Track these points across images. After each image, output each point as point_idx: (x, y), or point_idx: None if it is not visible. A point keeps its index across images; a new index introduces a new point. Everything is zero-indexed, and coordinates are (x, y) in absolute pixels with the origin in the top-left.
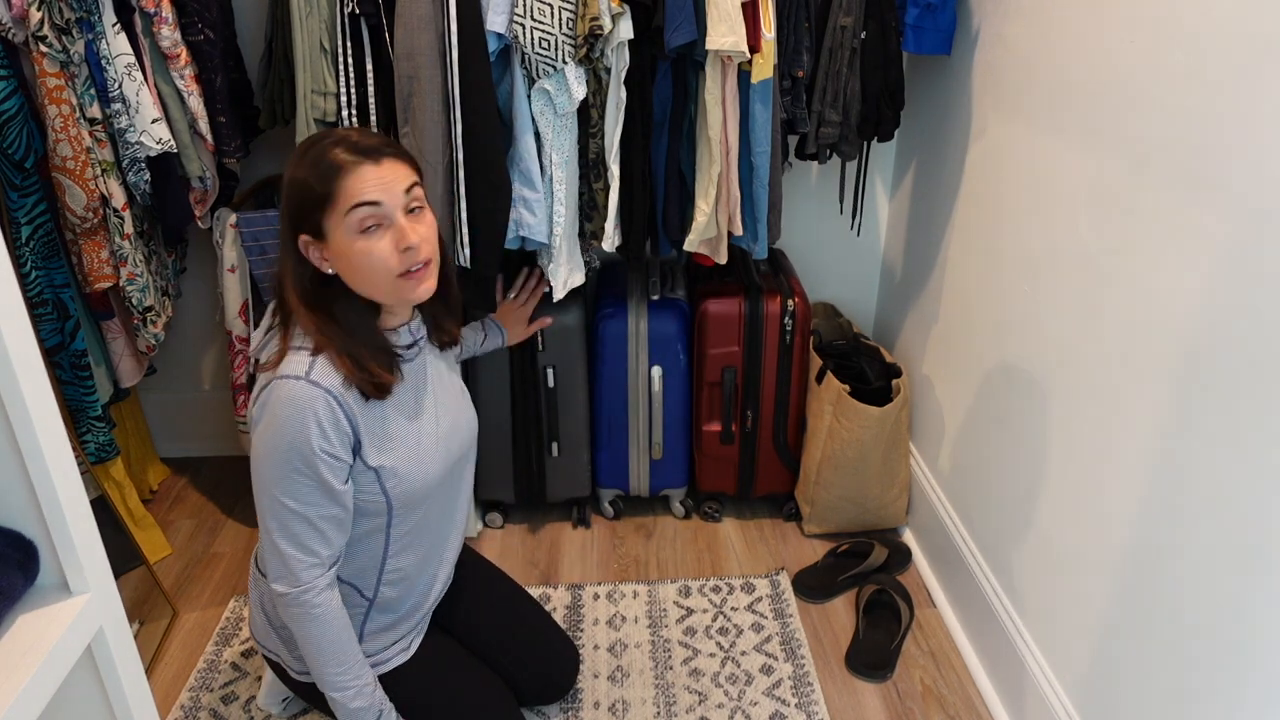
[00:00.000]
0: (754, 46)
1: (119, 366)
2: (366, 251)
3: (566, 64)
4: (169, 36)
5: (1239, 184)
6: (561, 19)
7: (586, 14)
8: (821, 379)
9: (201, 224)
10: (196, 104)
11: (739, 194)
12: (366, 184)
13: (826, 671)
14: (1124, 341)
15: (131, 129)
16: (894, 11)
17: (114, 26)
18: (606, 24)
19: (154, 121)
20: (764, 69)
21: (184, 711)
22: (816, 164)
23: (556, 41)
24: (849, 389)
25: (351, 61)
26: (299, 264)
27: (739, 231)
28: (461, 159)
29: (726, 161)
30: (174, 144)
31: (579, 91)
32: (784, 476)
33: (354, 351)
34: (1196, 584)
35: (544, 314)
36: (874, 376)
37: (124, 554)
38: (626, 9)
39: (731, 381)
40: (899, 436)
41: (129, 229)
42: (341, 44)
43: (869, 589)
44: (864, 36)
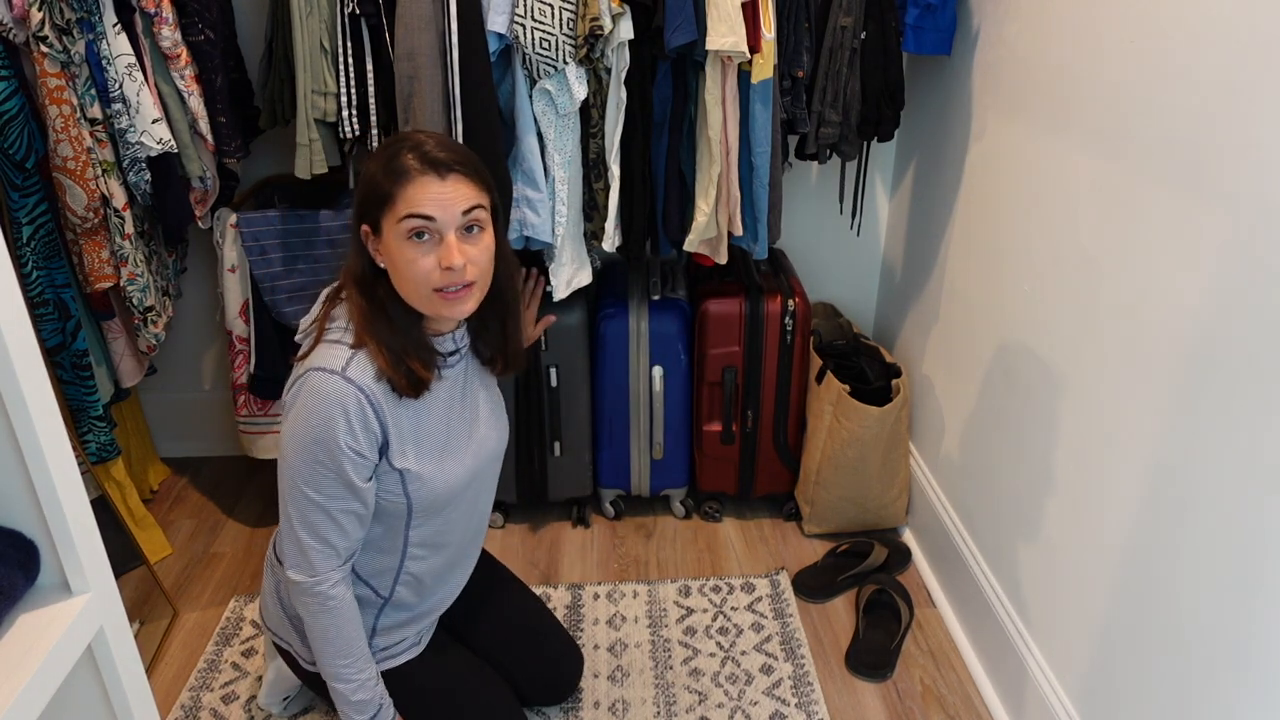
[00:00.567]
0: (754, 46)
1: (120, 366)
2: (411, 260)
3: (567, 64)
4: (169, 37)
5: (1239, 184)
6: (562, 19)
7: (587, 14)
8: (821, 379)
9: (202, 224)
10: (197, 104)
11: (739, 194)
12: (425, 196)
13: (826, 671)
14: (1124, 341)
15: (132, 129)
16: (894, 11)
17: (114, 27)
18: (607, 24)
19: (154, 122)
20: (764, 69)
21: (184, 711)
22: (816, 164)
23: (557, 42)
24: (849, 389)
25: (352, 61)
26: (360, 251)
27: (739, 231)
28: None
29: (726, 161)
30: (174, 144)
31: (580, 91)
32: (784, 476)
33: (395, 346)
34: (1197, 584)
35: (546, 313)
36: (874, 376)
37: (124, 554)
38: (627, 9)
39: (732, 381)
40: (899, 436)
41: (129, 229)
42: (342, 44)
43: (869, 589)
44: (864, 36)
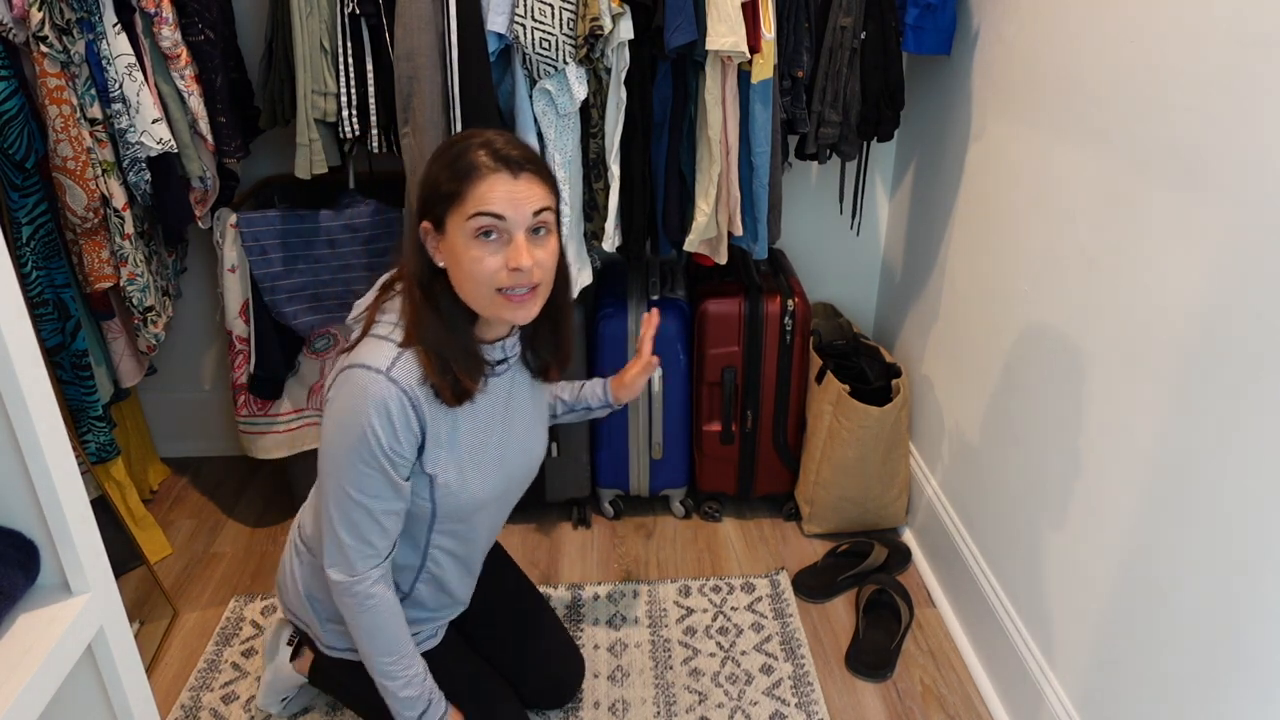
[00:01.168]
0: (754, 47)
1: (119, 366)
2: (477, 260)
3: (567, 64)
4: (169, 37)
5: (1239, 184)
6: (562, 19)
7: (587, 14)
8: (821, 379)
9: (202, 224)
10: (197, 104)
11: (739, 194)
12: (496, 194)
13: (826, 671)
14: (1124, 341)
15: (132, 129)
16: (894, 11)
17: (114, 27)
18: (607, 24)
19: (154, 122)
20: (764, 69)
21: (184, 711)
22: (816, 164)
23: (557, 42)
24: (849, 389)
25: (351, 61)
26: (418, 248)
27: (739, 231)
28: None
29: (726, 161)
30: (174, 144)
31: (580, 92)
32: (784, 476)
33: (443, 351)
34: (1196, 583)
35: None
36: (874, 376)
37: (124, 554)
38: (627, 9)
39: (731, 381)
40: (899, 436)
41: (129, 229)
42: (341, 44)
43: (869, 589)
44: (864, 36)
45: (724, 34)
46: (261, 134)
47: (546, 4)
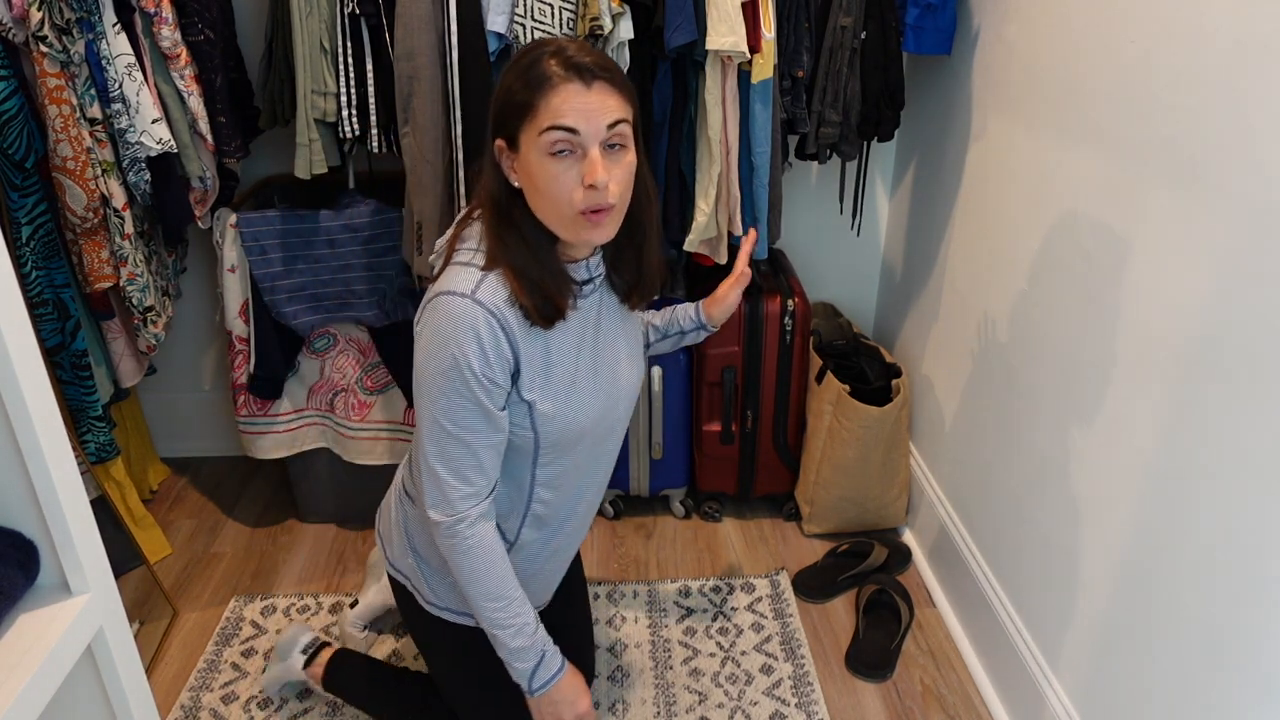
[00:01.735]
0: (754, 46)
1: (119, 366)
2: (553, 177)
3: None
4: (169, 37)
5: (1239, 184)
6: (562, 19)
7: (587, 14)
8: (821, 379)
9: (201, 224)
10: (196, 104)
11: (739, 194)
12: (569, 105)
13: (826, 671)
14: (1124, 340)
15: (132, 129)
16: (894, 11)
17: (114, 27)
18: (607, 24)
19: (154, 121)
20: (764, 69)
21: (184, 711)
22: (816, 164)
23: None
24: (849, 389)
25: (351, 61)
26: (494, 168)
27: (739, 231)
28: (461, 159)
29: (726, 161)
30: (174, 144)
31: None
32: (784, 476)
33: (529, 271)
34: (1196, 584)
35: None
36: (874, 376)
37: (124, 554)
38: (627, 9)
39: (731, 381)
40: (899, 436)
41: (129, 229)
42: (341, 44)
43: (869, 589)
44: (864, 36)
45: (724, 34)
46: (261, 134)
47: (546, 4)
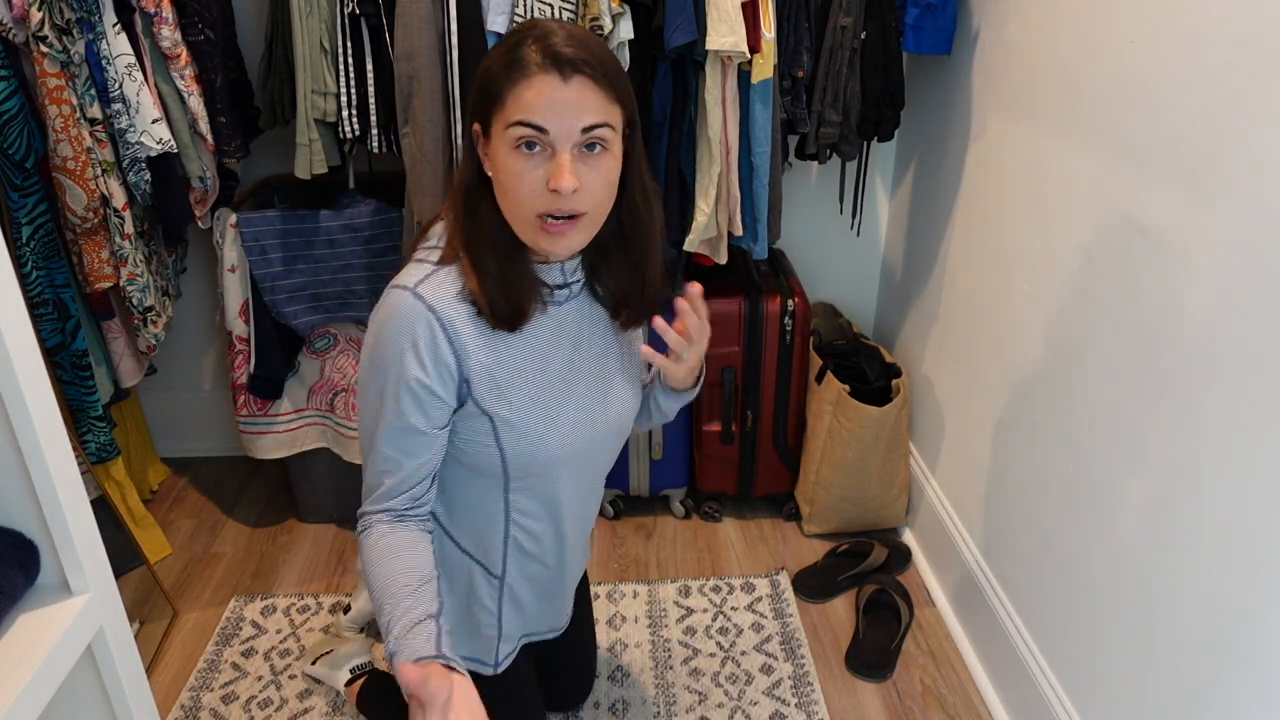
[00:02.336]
0: (754, 46)
1: (119, 366)
2: (516, 174)
3: None
4: (169, 37)
5: (1238, 183)
6: (561, 19)
7: (587, 14)
8: (821, 379)
9: (201, 224)
10: (197, 104)
11: (739, 194)
12: (541, 100)
13: (826, 671)
14: (1124, 340)
15: (132, 129)
16: (894, 11)
17: (114, 27)
18: (607, 24)
19: (154, 121)
20: (764, 69)
21: (184, 711)
22: (816, 164)
23: None
24: (849, 389)
25: (351, 61)
26: (470, 153)
27: (739, 231)
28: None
29: (726, 161)
30: (174, 144)
31: None
32: (784, 476)
33: (488, 266)
34: (1197, 584)
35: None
36: (874, 376)
37: (124, 554)
38: (626, 9)
39: (731, 381)
40: (899, 436)
41: (129, 229)
42: (341, 44)
43: (869, 589)
44: (864, 36)
45: (724, 34)
46: (261, 134)
47: (546, 4)
